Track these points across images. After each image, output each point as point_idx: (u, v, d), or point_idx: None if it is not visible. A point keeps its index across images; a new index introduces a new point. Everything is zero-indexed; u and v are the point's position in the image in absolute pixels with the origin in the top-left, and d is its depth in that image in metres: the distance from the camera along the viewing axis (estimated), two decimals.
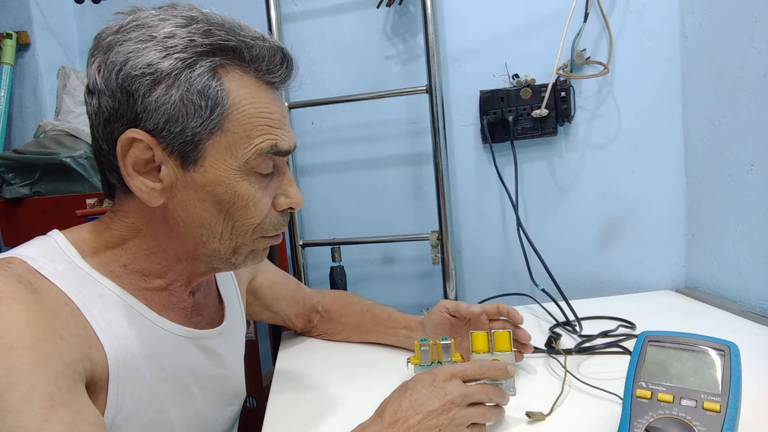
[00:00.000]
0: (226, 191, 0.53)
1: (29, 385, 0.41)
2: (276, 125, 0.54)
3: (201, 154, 0.51)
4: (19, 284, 0.46)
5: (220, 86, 0.51)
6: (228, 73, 0.51)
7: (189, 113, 0.50)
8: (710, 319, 0.94)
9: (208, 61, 0.50)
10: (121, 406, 0.51)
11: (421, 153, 1.24)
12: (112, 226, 0.56)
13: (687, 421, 0.48)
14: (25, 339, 0.43)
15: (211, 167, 0.52)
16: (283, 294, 0.90)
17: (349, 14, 1.23)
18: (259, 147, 0.53)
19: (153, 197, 0.52)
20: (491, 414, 0.60)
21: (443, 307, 0.81)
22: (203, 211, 0.54)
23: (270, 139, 0.53)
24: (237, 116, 0.52)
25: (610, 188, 1.19)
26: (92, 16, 1.34)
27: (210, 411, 0.64)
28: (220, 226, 0.55)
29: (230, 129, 0.52)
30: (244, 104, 0.52)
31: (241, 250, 0.57)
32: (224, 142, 0.52)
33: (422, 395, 0.55)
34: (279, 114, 0.55)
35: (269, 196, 0.56)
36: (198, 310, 0.64)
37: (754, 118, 0.92)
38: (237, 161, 0.52)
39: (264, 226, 0.57)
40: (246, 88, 0.52)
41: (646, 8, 1.12)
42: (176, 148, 0.51)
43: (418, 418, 0.54)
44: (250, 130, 0.52)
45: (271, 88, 0.56)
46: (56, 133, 1.11)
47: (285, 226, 0.60)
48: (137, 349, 0.53)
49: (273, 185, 0.57)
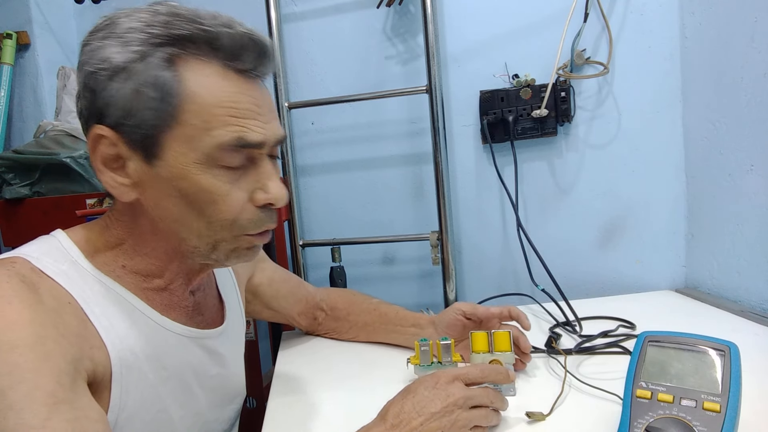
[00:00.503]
0: (190, 185, 0.51)
1: (32, 383, 0.41)
2: (243, 115, 0.51)
3: (161, 148, 0.50)
4: (22, 283, 0.46)
5: (174, 76, 0.49)
6: (186, 63, 0.50)
7: (143, 106, 0.49)
8: (710, 319, 0.94)
9: (163, 52, 0.49)
10: (125, 406, 0.51)
11: (421, 153, 1.24)
12: (111, 225, 0.56)
13: (687, 421, 0.48)
14: (27, 337, 0.43)
15: (173, 161, 0.50)
16: (284, 292, 0.89)
17: (349, 14, 1.23)
18: (220, 139, 0.50)
19: (123, 192, 0.52)
20: (493, 417, 0.60)
21: (459, 310, 0.81)
22: (173, 207, 0.52)
23: (234, 131, 0.50)
24: (193, 107, 0.49)
25: (610, 188, 1.19)
26: (92, 16, 1.34)
27: (211, 410, 0.64)
28: (194, 222, 0.53)
29: (187, 120, 0.49)
30: (203, 94, 0.49)
31: (221, 247, 0.55)
32: (182, 135, 0.50)
33: (425, 397, 0.56)
34: (249, 104, 0.51)
35: (243, 191, 0.53)
36: (199, 309, 0.64)
37: (754, 118, 0.92)
38: (197, 154, 0.50)
39: (241, 223, 0.53)
40: (206, 77, 0.50)
41: (646, 8, 1.12)
42: (137, 142, 0.50)
43: (420, 420, 0.54)
44: (209, 121, 0.50)
45: (244, 78, 0.52)
46: (56, 133, 1.11)
47: (270, 224, 0.56)
48: (140, 349, 0.53)
49: (249, 179, 0.54)
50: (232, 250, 0.56)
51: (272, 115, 0.55)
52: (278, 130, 0.55)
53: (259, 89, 0.54)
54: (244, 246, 0.56)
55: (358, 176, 1.27)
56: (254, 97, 0.52)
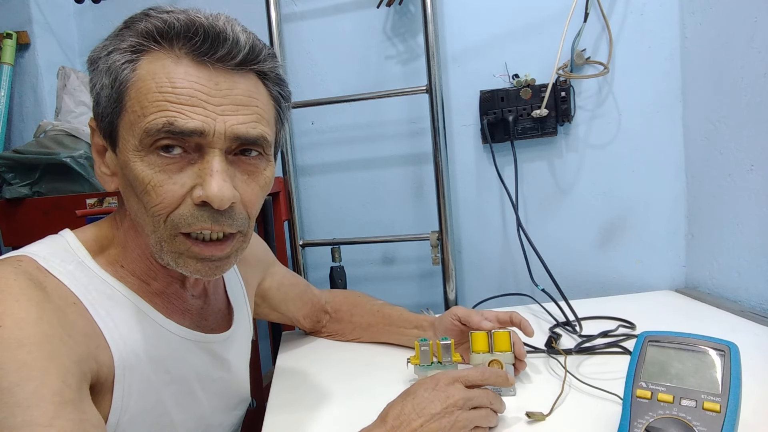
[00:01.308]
0: (129, 173, 0.49)
1: (39, 381, 0.41)
2: (180, 101, 0.47)
3: (117, 136, 0.50)
4: (29, 281, 0.46)
5: (129, 63, 0.49)
6: (147, 52, 0.49)
7: (102, 94, 0.50)
8: (710, 319, 0.94)
9: (126, 44, 0.49)
10: (126, 408, 0.51)
11: (421, 153, 1.24)
12: (113, 224, 0.57)
13: (687, 421, 0.48)
14: (34, 335, 0.43)
15: (122, 148, 0.50)
16: (292, 296, 0.89)
17: (349, 14, 1.23)
18: (148, 125, 0.47)
19: (105, 181, 0.54)
20: (493, 418, 0.60)
21: (454, 315, 0.80)
22: (129, 198, 0.52)
23: (165, 116, 0.47)
24: (135, 93, 0.48)
25: (610, 188, 1.19)
26: (92, 16, 1.34)
27: (214, 415, 0.64)
28: (143, 216, 0.50)
29: (130, 107, 0.49)
30: (146, 79, 0.48)
31: (165, 247, 0.51)
32: (127, 121, 0.49)
33: (425, 399, 0.56)
34: (195, 90, 0.48)
35: (179, 185, 0.49)
36: (204, 314, 0.64)
37: (754, 118, 0.92)
38: (134, 140, 0.48)
39: (174, 219, 0.49)
40: (155, 64, 0.48)
41: (646, 8, 1.12)
42: (106, 131, 0.52)
43: (420, 422, 0.54)
44: (146, 107, 0.48)
45: (203, 66, 0.48)
46: (56, 133, 1.11)
47: (204, 223, 0.50)
48: (143, 351, 0.53)
49: (191, 172, 0.49)
50: (178, 255, 0.51)
51: (235, 108, 0.50)
52: (234, 124, 0.49)
53: (228, 80, 0.49)
54: (190, 255, 0.51)
55: (358, 176, 1.27)
56: (206, 85, 0.48)
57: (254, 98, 0.51)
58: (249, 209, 0.53)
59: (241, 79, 0.51)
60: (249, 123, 0.50)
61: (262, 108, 0.52)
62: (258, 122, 0.51)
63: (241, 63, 0.50)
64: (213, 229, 0.50)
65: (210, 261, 0.52)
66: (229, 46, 0.49)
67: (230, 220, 0.51)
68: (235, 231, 0.52)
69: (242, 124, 0.50)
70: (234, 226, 0.52)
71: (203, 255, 0.51)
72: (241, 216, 0.52)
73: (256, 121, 0.51)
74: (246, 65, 0.51)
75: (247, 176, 0.53)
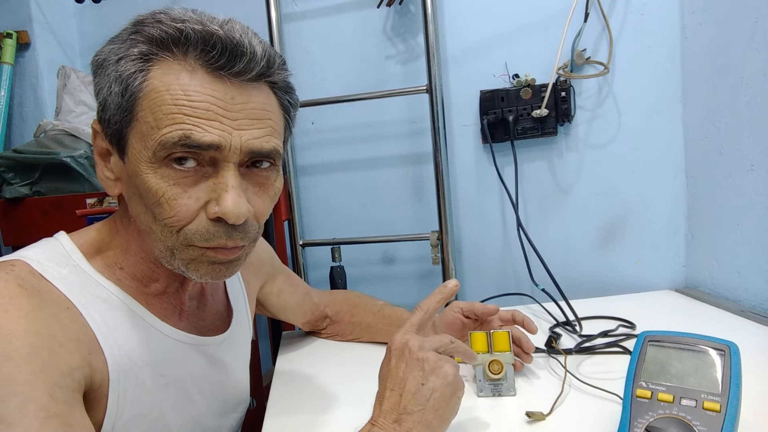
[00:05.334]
0: (141, 184, 0.49)
1: (24, 396, 0.41)
2: (197, 114, 0.47)
3: (126, 144, 0.50)
4: (20, 288, 0.46)
5: (140, 72, 0.48)
6: (160, 62, 0.48)
7: (112, 100, 0.49)
8: (710, 319, 0.94)
9: (136, 49, 0.48)
10: (121, 413, 0.51)
11: (421, 153, 1.24)
12: (113, 227, 0.56)
13: (687, 421, 0.48)
14: (22, 348, 0.42)
15: (132, 158, 0.49)
16: (291, 304, 0.89)
17: (349, 14, 1.23)
18: (164, 137, 0.46)
19: (109, 186, 0.54)
20: (469, 352, 0.64)
21: (457, 307, 0.81)
22: (136, 206, 0.51)
23: (180, 129, 0.46)
24: (148, 103, 0.48)
25: (610, 188, 1.19)
26: (92, 15, 1.34)
27: (211, 418, 0.63)
28: (152, 224, 0.50)
29: (143, 117, 0.48)
30: (160, 90, 0.47)
31: (177, 255, 0.51)
32: (139, 131, 0.48)
33: (405, 378, 0.55)
34: (212, 103, 0.47)
35: (194, 198, 0.49)
36: (201, 315, 0.63)
37: (754, 118, 0.92)
38: (147, 152, 0.48)
39: (186, 233, 0.49)
40: (169, 75, 0.47)
41: (646, 8, 1.12)
42: (113, 137, 0.51)
43: (421, 401, 0.53)
44: (161, 119, 0.47)
45: (218, 78, 0.48)
46: (56, 133, 1.11)
47: (222, 239, 0.50)
48: (138, 355, 0.53)
49: (206, 186, 0.49)
50: (190, 261, 0.51)
51: (250, 123, 0.49)
52: (249, 139, 0.49)
53: (242, 93, 0.49)
54: (203, 260, 0.51)
55: (358, 176, 1.27)
56: (223, 99, 0.48)
57: (267, 110, 0.51)
58: (260, 220, 0.54)
59: (255, 92, 0.50)
60: (263, 137, 0.50)
61: (275, 120, 0.52)
62: (271, 135, 0.51)
63: (257, 76, 0.50)
64: (228, 245, 0.51)
65: (221, 264, 0.52)
66: (246, 60, 0.48)
67: (243, 234, 0.51)
68: (248, 243, 0.53)
69: (257, 138, 0.50)
70: (247, 238, 0.52)
71: (217, 258, 0.51)
72: (254, 228, 0.53)
73: (270, 135, 0.51)
74: (261, 78, 0.51)
75: (258, 188, 0.53)
